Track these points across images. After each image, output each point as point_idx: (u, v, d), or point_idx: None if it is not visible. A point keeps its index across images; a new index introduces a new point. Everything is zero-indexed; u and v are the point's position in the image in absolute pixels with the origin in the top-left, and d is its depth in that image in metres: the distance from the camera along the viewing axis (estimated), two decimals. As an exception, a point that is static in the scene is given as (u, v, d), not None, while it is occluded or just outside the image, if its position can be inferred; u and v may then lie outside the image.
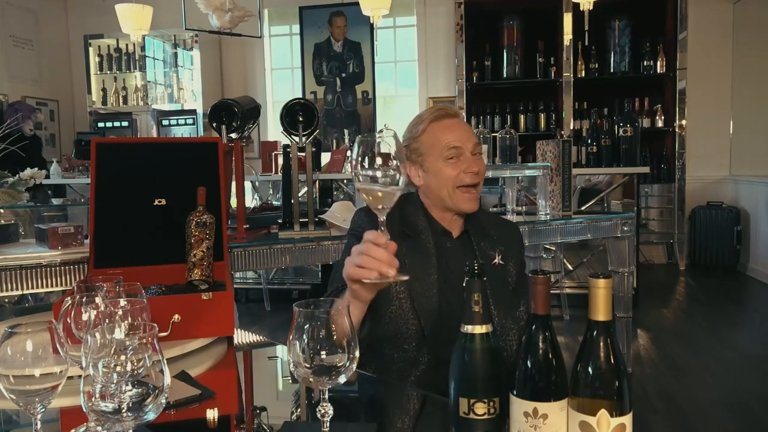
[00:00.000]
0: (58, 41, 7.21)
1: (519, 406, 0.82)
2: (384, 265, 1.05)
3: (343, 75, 6.90)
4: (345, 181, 4.94)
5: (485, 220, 1.57)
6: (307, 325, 0.85)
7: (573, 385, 0.80)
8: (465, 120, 1.58)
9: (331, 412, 0.89)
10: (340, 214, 2.42)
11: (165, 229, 1.64)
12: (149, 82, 6.83)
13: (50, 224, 1.93)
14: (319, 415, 0.89)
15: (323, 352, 0.85)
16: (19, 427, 1.15)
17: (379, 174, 1.03)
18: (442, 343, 1.43)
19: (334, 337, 0.86)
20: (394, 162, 1.03)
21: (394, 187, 1.05)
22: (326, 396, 0.89)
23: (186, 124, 6.63)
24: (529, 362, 0.82)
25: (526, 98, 6.27)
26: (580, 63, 6.06)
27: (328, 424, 0.89)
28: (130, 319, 0.96)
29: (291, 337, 0.86)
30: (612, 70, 6.14)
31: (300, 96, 6.06)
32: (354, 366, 0.87)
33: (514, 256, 1.54)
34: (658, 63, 6.03)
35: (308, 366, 0.86)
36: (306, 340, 0.85)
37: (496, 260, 1.51)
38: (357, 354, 0.87)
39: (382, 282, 1.08)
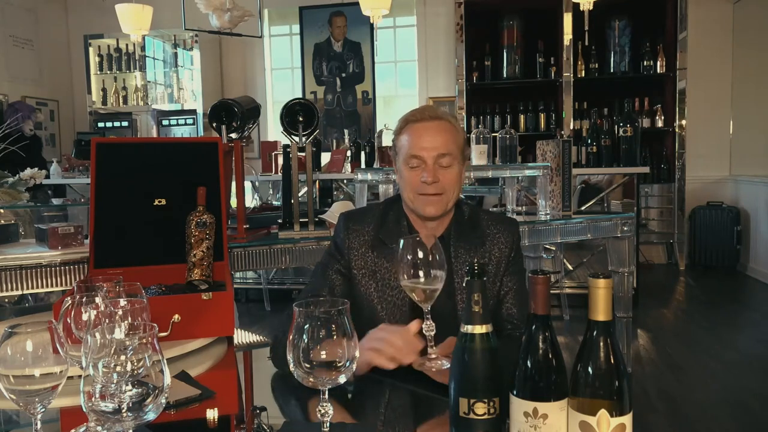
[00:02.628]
0: (58, 41, 7.21)
1: (519, 406, 0.82)
2: (403, 352, 1.18)
3: (343, 75, 6.90)
4: (345, 181, 4.95)
5: (475, 222, 1.52)
6: (307, 325, 0.85)
7: (573, 385, 0.80)
8: (452, 121, 1.52)
9: (331, 412, 0.89)
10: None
11: (165, 229, 1.64)
12: (149, 82, 6.83)
13: (50, 224, 1.93)
14: (319, 415, 0.89)
15: (323, 352, 0.85)
16: (19, 427, 1.15)
17: (421, 273, 1.19)
18: None
19: (334, 337, 0.86)
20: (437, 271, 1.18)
21: (435, 286, 1.17)
22: (326, 396, 0.89)
23: (186, 124, 6.63)
24: (529, 362, 0.82)
25: (526, 98, 6.27)
26: (580, 63, 6.06)
27: (328, 424, 0.89)
28: (130, 319, 0.96)
29: (291, 337, 0.86)
30: (612, 70, 6.13)
31: (300, 96, 6.06)
32: (354, 366, 0.87)
33: (498, 264, 1.48)
34: (658, 63, 6.03)
35: (308, 366, 0.86)
36: (306, 340, 0.85)
37: None
38: (357, 354, 0.87)
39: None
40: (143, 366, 0.78)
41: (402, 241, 1.20)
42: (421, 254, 1.19)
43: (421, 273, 1.18)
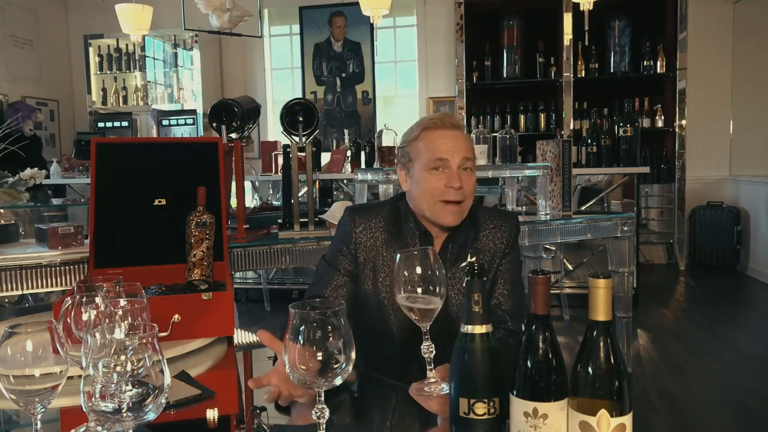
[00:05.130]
0: (58, 41, 7.21)
1: (519, 406, 0.82)
2: None
3: (343, 75, 6.90)
4: (345, 181, 4.95)
5: (473, 218, 1.51)
6: (303, 327, 0.85)
7: (573, 385, 0.80)
8: (465, 130, 1.53)
9: (327, 414, 0.89)
10: (339, 214, 2.42)
11: (165, 229, 1.64)
12: (149, 82, 6.83)
13: (50, 224, 1.93)
14: (315, 417, 0.89)
15: (319, 354, 0.85)
16: (19, 427, 1.15)
17: (419, 290, 1.11)
18: (417, 343, 1.44)
19: (330, 338, 0.85)
20: (437, 282, 1.11)
21: (434, 297, 1.10)
22: (322, 398, 0.88)
23: (186, 124, 6.63)
24: (529, 362, 0.82)
25: (526, 98, 6.26)
26: (580, 63, 6.06)
27: (324, 426, 0.89)
28: (130, 319, 0.96)
29: (287, 338, 0.86)
30: (612, 70, 6.13)
31: (300, 96, 6.06)
32: (350, 367, 0.86)
33: (492, 259, 1.48)
34: (658, 63, 6.03)
35: (304, 368, 0.85)
36: (302, 342, 0.85)
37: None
38: (353, 355, 0.86)
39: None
40: (143, 366, 0.78)
41: (398, 256, 1.13)
42: (419, 270, 1.11)
43: (419, 290, 1.11)
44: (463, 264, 0.90)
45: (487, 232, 1.50)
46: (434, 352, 1.13)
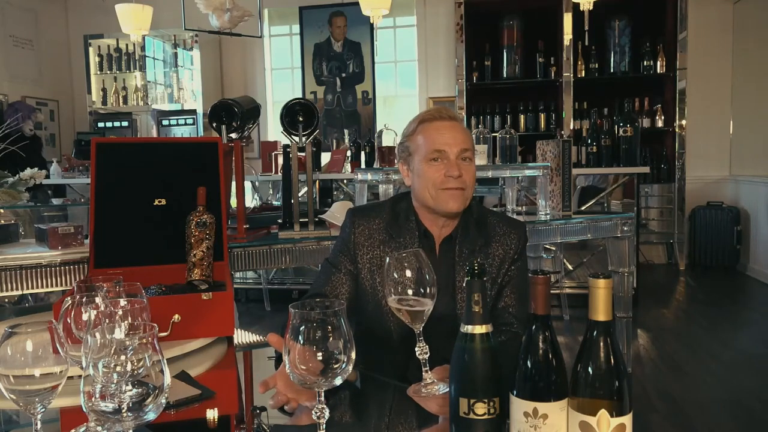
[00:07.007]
0: (58, 41, 7.21)
1: (519, 406, 0.82)
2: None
3: (343, 75, 6.89)
4: (345, 181, 4.95)
5: (482, 222, 1.52)
6: (303, 327, 0.85)
7: (573, 385, 0.80)
8: (464, 123, 1.55)
9: (327, 414, 0.89)
10: (340, 214, 2.42)
11: (165, 229, 1.64)
12: (149, 82, 6.83)
13: (50, 224, 1.93)
14: (315, 417, 0.89)
15: (319, 354, 0.85)
16: (19, 427, 1.15)
17: (410, 291, 1.11)
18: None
19: (330, 338, 0.85)
20: (427, 278, 1.11)
21: (425, 299, 1.11)
22: (322, 398, 0.88)
23: (186, 124, 6.63)
24: (529, 362, 0.82)
25: (526, 98, 6.26)
26: (580, 63, 6.06)
27: (324, 426, 0.89)
28: (130, 319, 0.96)
29: (287, 338, 0.86)
30: (612, 70, 6.13)
31: (300, 96, 6.06)
32: (350, 367, 0.86)
33: (501, 265, 1.49)
34: (658, 63, 6.03)
35: (304, 368, 0.85)
36: (302, 342, 0.85)
37: None
38: (353, 355, 0.86)
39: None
40: (143, 366, 0.79)
41: (388, 259, 1.14)
42: (408, 273, 1.12)
43: (409, 292, 1.11)
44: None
45: (497, 239, 1.51)
46: (428, 353, 1.14)
